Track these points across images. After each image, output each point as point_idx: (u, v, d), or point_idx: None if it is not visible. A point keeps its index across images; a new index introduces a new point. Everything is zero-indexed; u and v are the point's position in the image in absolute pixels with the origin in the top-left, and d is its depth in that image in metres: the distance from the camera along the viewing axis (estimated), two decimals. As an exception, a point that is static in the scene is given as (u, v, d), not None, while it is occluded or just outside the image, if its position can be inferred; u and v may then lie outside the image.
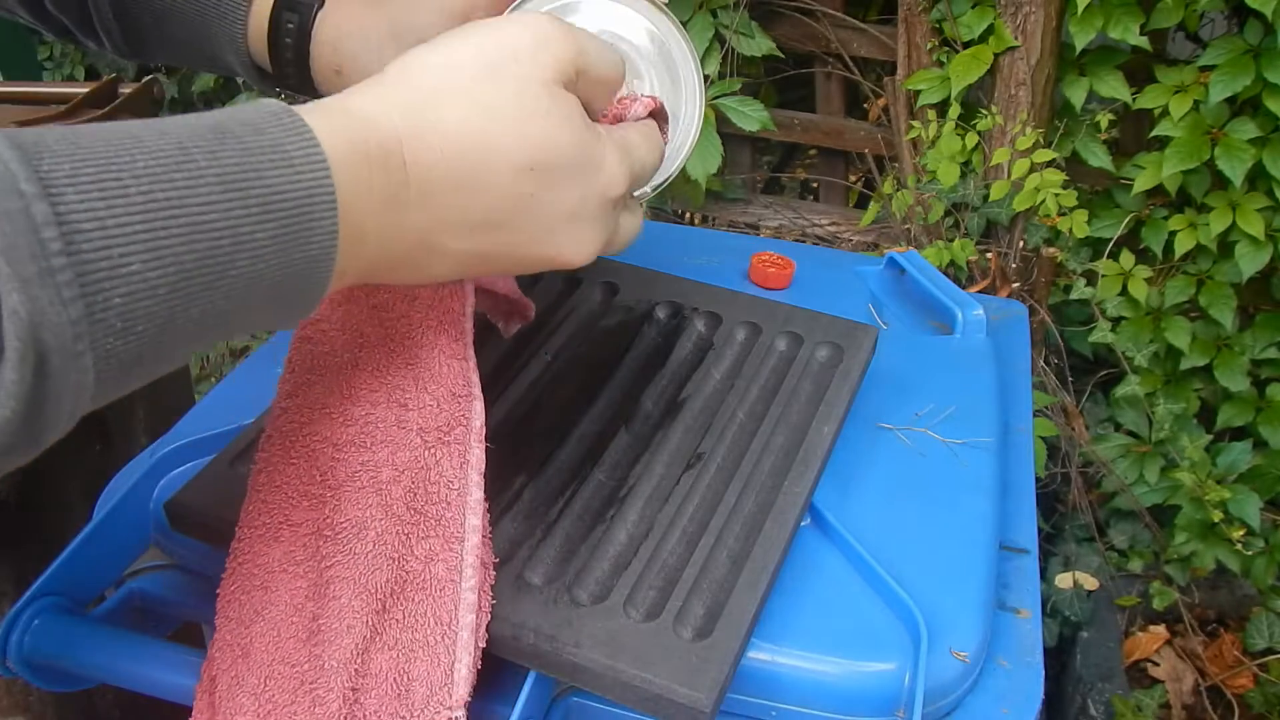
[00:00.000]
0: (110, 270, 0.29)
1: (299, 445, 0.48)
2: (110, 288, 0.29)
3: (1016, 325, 0.82)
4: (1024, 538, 0.62)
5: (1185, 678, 1.44)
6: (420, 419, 0.47)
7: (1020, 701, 0.51)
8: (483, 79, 0.41)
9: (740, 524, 0.52)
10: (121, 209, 0.29)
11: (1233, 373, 1.40)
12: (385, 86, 0.41)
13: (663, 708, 0.44)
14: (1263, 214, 1.31)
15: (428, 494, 0.45)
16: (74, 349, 0.28)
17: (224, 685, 0.45)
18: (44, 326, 0.27)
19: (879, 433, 0.63)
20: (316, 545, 0.46)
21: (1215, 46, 1.30)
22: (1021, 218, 1.44)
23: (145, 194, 0.30)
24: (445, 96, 0.41)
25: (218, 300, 0.32)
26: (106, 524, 0.57)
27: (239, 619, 0.46)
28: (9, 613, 0.53)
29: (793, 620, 0.50)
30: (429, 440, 0.46)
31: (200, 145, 0.32)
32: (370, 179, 0.37)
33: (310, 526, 0.46)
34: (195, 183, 0.31)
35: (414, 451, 0.46)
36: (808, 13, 1.60)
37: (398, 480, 0.46)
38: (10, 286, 0.27)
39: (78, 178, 0.29)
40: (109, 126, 0.32)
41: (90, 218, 0.29)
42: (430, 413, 0.47)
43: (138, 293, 0.30)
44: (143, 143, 0.31)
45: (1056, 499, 1.53)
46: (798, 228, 1.72)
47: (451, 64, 0.42)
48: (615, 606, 0.47)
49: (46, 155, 0.29)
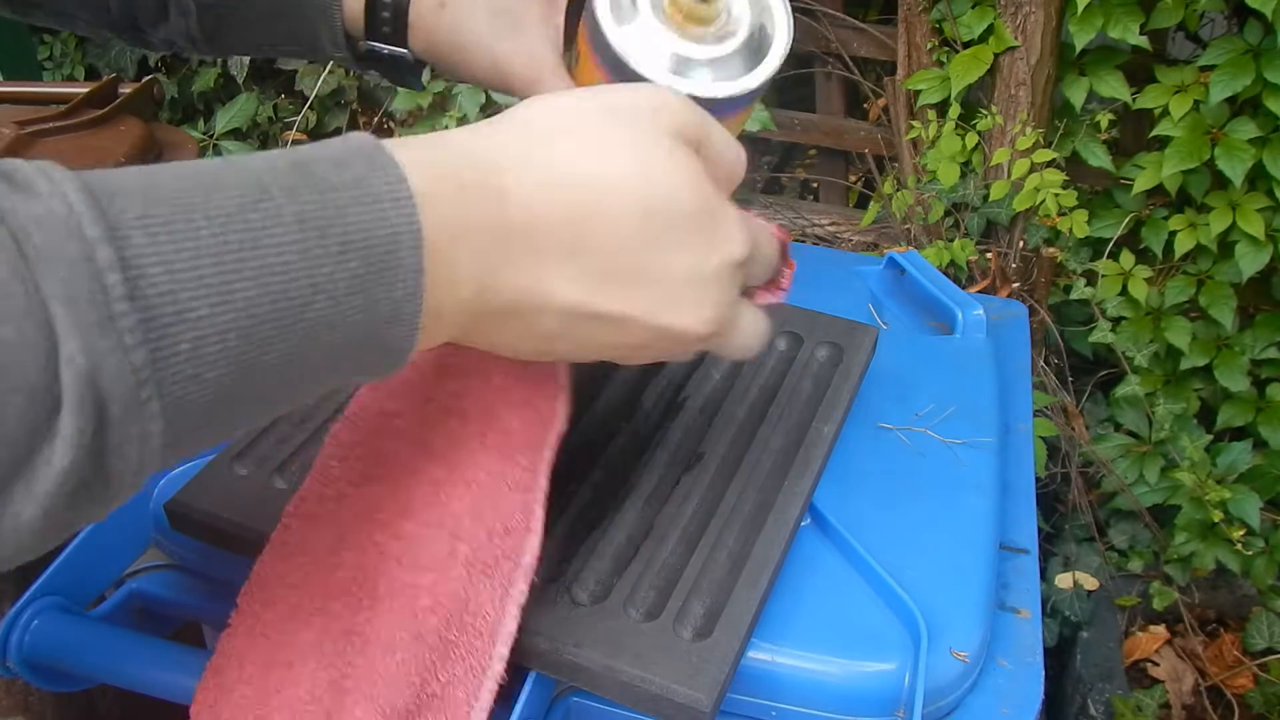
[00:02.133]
0: (176, 315, 0.28)
1: (350, 538, 0.47)
2: (177, 333, 0.28)
3: (1016, 325, 0.82)
4: (1024, 538, 0.62)
5: (1185, 678, 1.44)
6: (469, 551, 0.45)
7: (1020, 701, 0.51)
8: (602, 122, 0.39)
9: (740, 524, 0.52)
10: (190, 251, 0.28)
11: (1233, 373, 1.40)
12: (493, 125, 0.39)
13: (662, 708, 0.44)
14: (1263, 214, 1.31)
15: (462, 624, 0.44)
16: (137, 396, 0.27)
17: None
18: (103, 373, 0.27)
19: (879, 433, 0.63)
20: (344, 647, 0.44)
21: (1215, 46, 1.30)
22: (1021, 218, 1.44)
23: (217, 235, 0.29)
24: (558, 134, 0.38)
25: (296, 345, 0.31)
26: (106, 524, 0.57)
27: (259, 683, 0.45)
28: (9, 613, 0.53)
29: (793, 620, 0.50)
30: (474, 573, 0.45)
31: (279, 182, 0.31)
32: (466, 215, 0.35)
33: (344, 625, 0.45)
34: (270, 222, 0.30)
35: (456, 584, 0.44)
36: (808, 13, 1.60)
37: (435, 610, 0.44)
38: (69, 334, 0.26)
39: (148, 219, 0.28)
40: (192, 164, 0.31)
41: (157, 261, 0.28)
42: (481, 546, 0.45)
43: (207, 338, 0.29)
44: (221, 180, 0.30)
45: (1056, 499, 1.53)
46: (798, 228, 1.72)
47: (568, 108, 0.40)
48: (615, 606, 0.47)
49: (119, 196, 0.28)
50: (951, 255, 1.41)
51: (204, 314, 0.28)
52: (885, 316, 0.77)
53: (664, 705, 0.44)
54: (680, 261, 0.39)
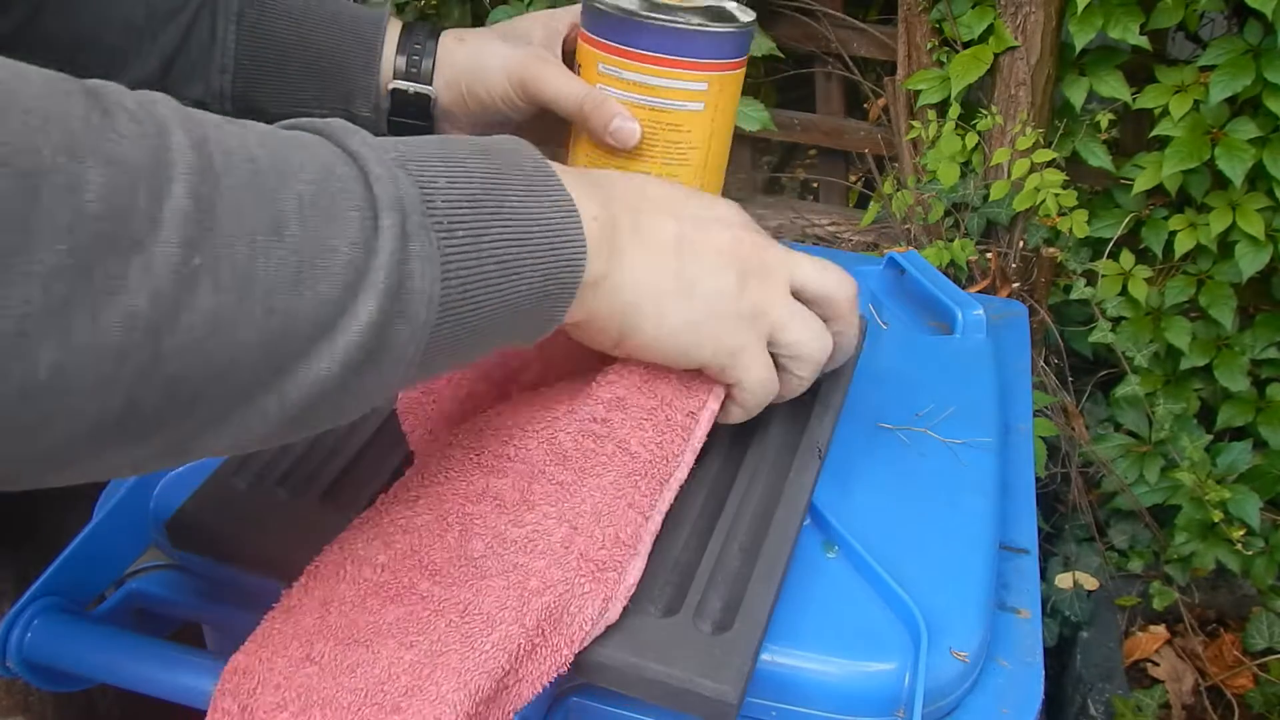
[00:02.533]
0: (459, 238, 0.38)
1: (454, 513, 0.48)
2: (458, 252, 0.37)
3: (1016, 325, 0.82)
4: (1024, 538, 0.62)
5: (1185, 678, 1.44)
6: (584, 545, 0.46)
7: (1020, 701, 0.51)
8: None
9: (749, 516, 0.52)
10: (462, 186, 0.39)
11: (1233, 373, 1.40)
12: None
13: (688, 702, 0.44)
14: (1263, 214, 1.31)
15: (558, 621, 0.44)
16: (435, 273, 0.36)
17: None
18: (413, 244, 0.35)
19: (879, 433, 0.63)
20: (438, 623, 0.44)
21: (1215, 46, 1.30)
22: (1021, 218, 1.44)
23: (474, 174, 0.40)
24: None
25: (507, 298, 0.40)
26: (106, 524, 0.57)
27: (332, 663, 0.43)
28: (9, 613, 0.53)
29: (793, 620, 0.50)
30: (584, 568, 0.45)
31: (500, 157, 0.42)
32: (600, 230, 0.44)
33: (437, 603, 0.45)
34: (504, 178, 0.40)
35: (567, 572, 0.45)
36: (808, 13, 1.60)
37: (541, 593, 0.44)
38: (384, 180, 0.36)
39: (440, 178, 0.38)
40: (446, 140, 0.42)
41: (445, 199, 0.38)
42: (595, 544, 0.46)
43: (471, 270, 0.38)
44: (481, 149, 0.41)
45: (1056, 499, 1.53)
46: (798, 228, 1.72)
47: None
48: (633, 603, 0.47)
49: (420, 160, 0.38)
50: (951, 255, 1.41)
51: (468, 246, 0.38)
52: (885, 316, 0.77)
53: (689, 700, 0.44)
54: (736, 294, 0.48)
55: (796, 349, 0.51)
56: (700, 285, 0.47)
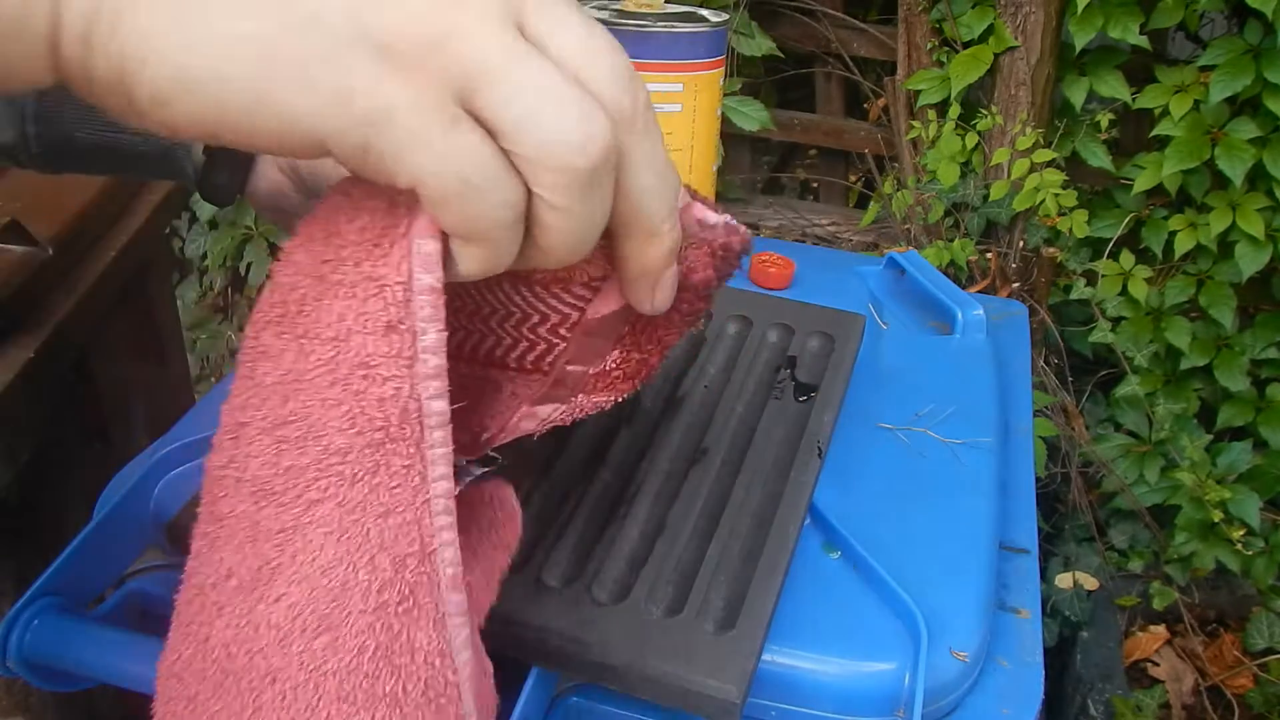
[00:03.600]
0: None
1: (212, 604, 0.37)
2: None
3: (1016, 325, 0.82)
4: (1024, 538, 0.62)
5: (1185, 678, 1.44)
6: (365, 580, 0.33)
7: (1020, 701, 0.51)
8: None
9: (750, 515, 0.52)
10: None
11: (1233, 373, 1.40)
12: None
13: (692, 701, 0.44)
14: (1263, 214, 1.31)
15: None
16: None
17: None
18: None
19: (879, 433, 0.63)
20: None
21: (1215, 46, 1.30)
22: (1021, 218, 1.44)
23: None
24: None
25: None
26: (106, 524, 0.57)
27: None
28: (9, 613, 0.53)
29: (793, 620, 0.50)
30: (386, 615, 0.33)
31: None
32: None
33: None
34: None
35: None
36: (808, 13, 1.60)
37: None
38: None
39: None
40: None
41: None
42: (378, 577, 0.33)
43: None
44: None
45: (1056, 499, 1.53)
46: (798, 228, 1.72)
47: None
48: (636, 604, 0.47)
49: None
50: (951, 255, 1.41)
51: None
52: (885, 316, 0.77)
53: (694, 699, 0.44)
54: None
55: (523, 124, 0.27)
56: None
